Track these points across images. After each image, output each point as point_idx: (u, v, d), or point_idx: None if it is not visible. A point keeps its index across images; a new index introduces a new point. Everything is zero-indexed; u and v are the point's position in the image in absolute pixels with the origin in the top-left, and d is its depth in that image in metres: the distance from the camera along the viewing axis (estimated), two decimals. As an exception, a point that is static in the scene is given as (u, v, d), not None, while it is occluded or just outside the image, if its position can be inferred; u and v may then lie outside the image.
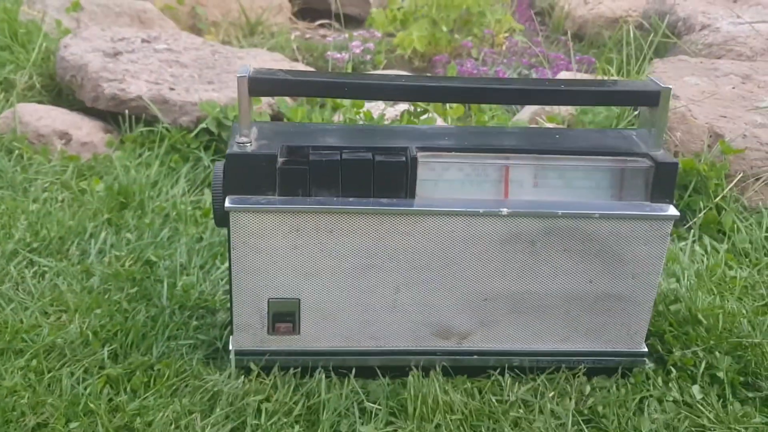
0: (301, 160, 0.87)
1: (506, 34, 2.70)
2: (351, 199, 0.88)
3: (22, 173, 1.38)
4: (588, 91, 0.90)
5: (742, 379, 0.97)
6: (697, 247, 1.30)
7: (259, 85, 0.86)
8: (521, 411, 0.89)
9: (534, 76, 2.26)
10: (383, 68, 2.43)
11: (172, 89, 1.55)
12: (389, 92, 0.88)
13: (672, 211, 0.91)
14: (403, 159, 0.88)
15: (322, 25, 2.95)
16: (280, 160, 0.87)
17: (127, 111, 1.55)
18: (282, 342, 0.94)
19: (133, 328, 0.98)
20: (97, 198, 1.31)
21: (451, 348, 0.96)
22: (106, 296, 1.06)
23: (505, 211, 0.89)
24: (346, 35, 2.64)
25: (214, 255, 1.18)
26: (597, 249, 0.92)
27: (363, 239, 0.89)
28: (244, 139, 0.87)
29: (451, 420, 0.87)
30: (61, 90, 1.77)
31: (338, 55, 2.39)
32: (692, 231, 1.35)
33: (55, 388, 0.88)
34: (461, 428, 0.86)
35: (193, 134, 1.49)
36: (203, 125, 1.48)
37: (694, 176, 1.45)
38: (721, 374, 0.97)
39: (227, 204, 0.86)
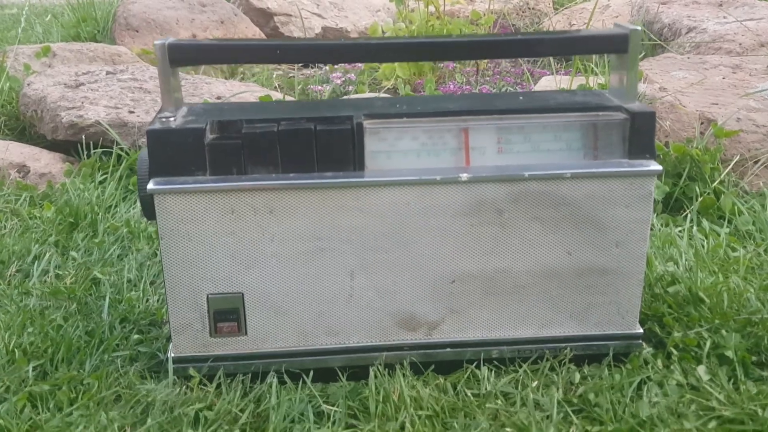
0: (233, 134, 0.79)
1: (490, 58, 2.64)
2: (292, 174, 0.79)
3: (-30, 203, 1.31)
4: (548, 39, 0.82)
5: (754, 358, 0.85)
6: (696, 232, 1.19)
7: (181, 52, 0.78)
8: (500, 403, 0.78)
9: (519, 90, 2.20)
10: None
11: (131, 112, 1.48)
12: (324, 53, 0.79)
13: (653, 166, 0.81)
14: (348, 127, 0.79)
15: (305, 66, 2.92)
16: (210, 135, 0.79)
17: (84, 137, 1.47)
18: (228, 345, 0.83)
19: (63, 344, 0.88)
20: (46, 222, 1.23)
21: (420, 341, 0.85)
22: (42, 314, 0.96)
23: (464, 176, 0.79)
24: (327, 67, 2.59)
25: (166, 268, 1.08)
26: (572, 215, 0.81)
27: (308, 219, 0.80)
28: (168, 114, 0.79)
29: (417, 417, 0.75)
30: (25, 128, 1.71)
31: (320, 87, 2.34)
32: (689, 217, 1.24)
33: (-32, 408, 0.78)
34: (430, 425, 0.75)
35: (151, 153, 1.41)
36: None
37: (687, 162, 1.36)
38: (729, 353, 0.85)
39: (150, 186, 0.77)
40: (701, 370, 0.83)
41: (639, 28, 0.80)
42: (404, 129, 0.81)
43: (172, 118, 0.79)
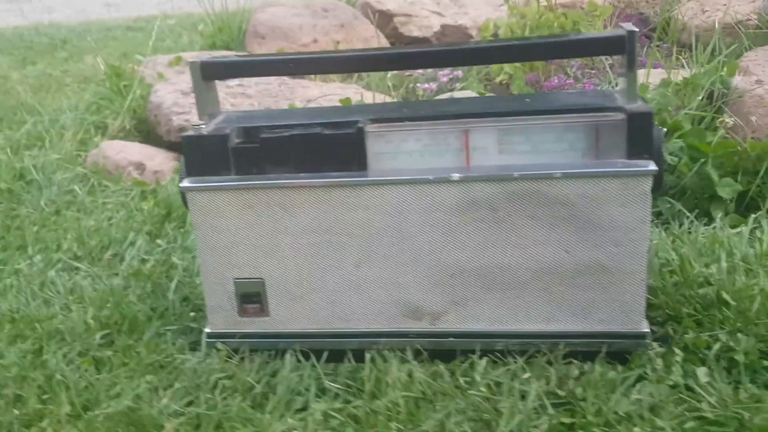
0: (253, 139, 0.89)
1: (607, 51, 2.57)
2: (302, 174, 0.88)
3: (90, 197, 1.52)
4: (543, 43, 0.84)
5: (766, 362, 0.83)
6: (759, 233, 1.14)
7: (211, 68, 0.90)
8: (484, 391, 0.82)
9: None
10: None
11: (229, 115, 1.63)
12: (328, 65, 0.88)
13: (650, 166, 0.81)
14: (352, 131, 0.87)
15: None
16: (235, 140, 0.89)
17: (189, 138, 1.65)
18: (254, 324, 0.94)
19: (129, 318, 1.03)
20: (145, 213, 1.41)
21: (424, 330, 0.91)
22: (122, 293, 1.13)
23: (456, 176, 0.84)
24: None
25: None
26: (567, 214, 0.84)
27: (316, 214, 0.88)
28: (200, 122, 0.90)
29: (403, 398, 0.81)
30: (149, 130, 1.93)
31: (426, 86, 2.42)
32: (753, 218, 1.18)
33: (41, 366, 0.94)
34: (414, 406, 0.81)
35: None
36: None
37: (766, 160, 1.28)
38: (739, 357, 0.83)
39: (182, 184, 0.89)
40: (701, 371, 0.82)
41: (636, 29, 0.81)
42: (408, 132, 0.88)
43: (203, 126, 0.90)
